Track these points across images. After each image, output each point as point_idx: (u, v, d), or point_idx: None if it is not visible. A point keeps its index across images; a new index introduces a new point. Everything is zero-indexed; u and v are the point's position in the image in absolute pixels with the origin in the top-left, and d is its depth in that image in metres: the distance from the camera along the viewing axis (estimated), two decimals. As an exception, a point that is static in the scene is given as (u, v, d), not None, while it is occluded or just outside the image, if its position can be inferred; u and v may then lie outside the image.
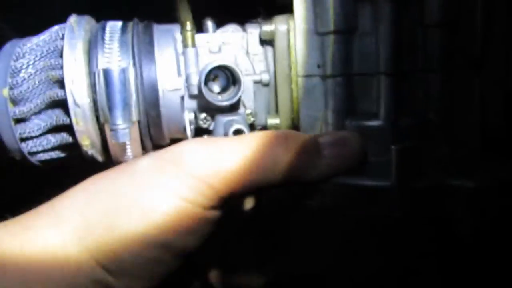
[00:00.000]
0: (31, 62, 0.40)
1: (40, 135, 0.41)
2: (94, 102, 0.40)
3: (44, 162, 0.44)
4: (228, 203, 0.39)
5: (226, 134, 0.43)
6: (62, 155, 0.44)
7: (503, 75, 0.42)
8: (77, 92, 0.39)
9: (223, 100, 0.45)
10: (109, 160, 0.44)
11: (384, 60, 0.42)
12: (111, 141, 0.40)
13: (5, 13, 0.60)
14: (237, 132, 0.43)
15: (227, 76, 0.47)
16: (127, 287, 0.36)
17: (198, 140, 0.39)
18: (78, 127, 0.40)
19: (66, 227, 0.36)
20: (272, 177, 0.38)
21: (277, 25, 0.46)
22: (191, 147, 0.38)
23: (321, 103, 0.45)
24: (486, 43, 0.41)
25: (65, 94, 0.39)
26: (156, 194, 0.36)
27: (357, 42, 0.43)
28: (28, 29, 0.44)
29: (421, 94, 0.43)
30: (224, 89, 0.47)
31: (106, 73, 0.38)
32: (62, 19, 0.44)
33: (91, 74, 0.40)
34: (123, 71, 0.39)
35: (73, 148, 0.42)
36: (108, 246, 0.35)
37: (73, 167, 0.46)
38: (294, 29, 0.44)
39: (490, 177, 0.37)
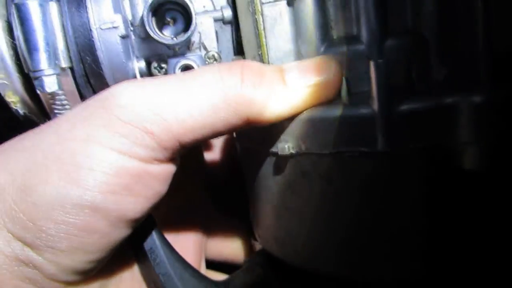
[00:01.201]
0: None
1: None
2: (14, 48, 0.34)
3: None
4: (178, 155, 0.33)
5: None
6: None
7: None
8: (-11, 35, 0.33)
9: (174, 40, 0.38)
10: (47, 120, 0.38)
11: (360, -32, 0.34)
12: (39, 93, 0.34)
13: None
14: (186, 69, 0.36)
15: (183, 18, 0.41)
16: (55, 263, 0.30)
17: (134, 80, 0.32)
18: (-1, 79, 0.34)
19: None
20: (226, 117, 0.31)
21: None
22: (125, 87, 0.31)
23: (291, 33, 0.37)
24: None
25: (-22, 42, 0.33)
26: (80, 146, 0.30)
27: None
28: None
29: (410, 5, 0.35)
30: (181, 34, 0.41)
31: (20, 8, 0.32)
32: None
33: (9, 15, 0.34)
34: (42, 5, 0.32)
35: (1, 108, 0.36)
36: (24, 213, 0.29)
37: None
38: None
39: (502, 91, 0.29)
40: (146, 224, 0.37)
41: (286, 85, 0.32)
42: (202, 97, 0.31)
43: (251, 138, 0.36)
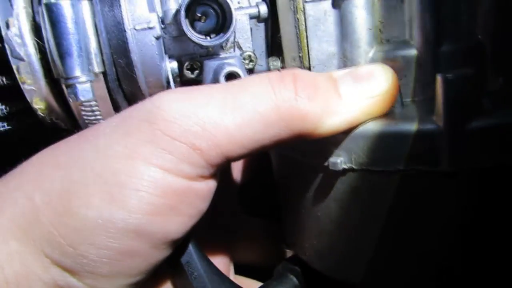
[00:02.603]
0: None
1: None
2: (43, 52, 0.31)
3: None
4: (222, 170, 0.31)
5: (216, 81, 0.34)
6: (17, 125, 0.35)
7: None
8: (16, 39, 0.30)
9: (211, 40, 0.35)
10: (75, 127, 0.35)
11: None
12: (70, 101, 0.31)
13: None
14: (230, 76, 0.33)
15: (216, 13, 0.38)
16: None
17: (179, 89, 0.30)
18: (26, 85, 0.31)
19: (8, 216, 0.27)
20: (278, 132, 0.29)
21: None
22: (170, 98, 0.29)
23: (335, 34, 0.35)
24: None
25: (3, 45, 0.30)
26: (122, 164, 0.27)
27: None
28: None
29: (465, 9, 0.33)
30: (213, 32, 0.38)
31: (51, 8, 0.29)
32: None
33: (35, 15, 0.31)
34: (74, 4, 0.29)
35: (28, 115, 0.34)
36: (64, 237, 0.27)
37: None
38: None
39: None
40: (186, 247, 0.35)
41: (341, 98, 0.29)
42: (253, 111, 0.28)
43: (296, 148, 0.34)
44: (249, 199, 0.49)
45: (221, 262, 0.44)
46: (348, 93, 0.30)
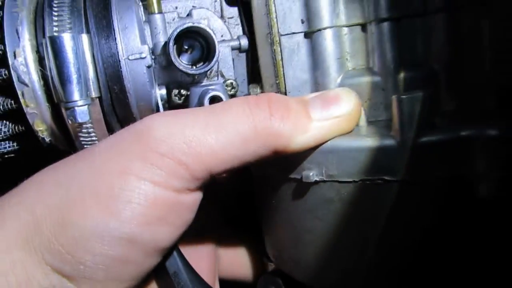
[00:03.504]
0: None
1: (-14, 123, 0.36)
2: (45, 79, 0.34)
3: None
4: (206, 184, 0.34)
5: (201, 104, 0.38)
6: (18, 146, 0.38)
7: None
8: (22, 67, 0.33)
9: (197, 69, 0.39)
10: (72, 148, 0.38)
11: (376, 6, 0.37)
12: (69, 123, 0.35)
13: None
14: (214, 99, 0.37)
15: (201, 46, 0.42)
16: None
17: (167, 112, 0.33)
18: (29, 109, 0.35)
19: (11, 228, 0.30)
20: (256, 149, 0.32)
21: (252, -21, 0.40)
22: (159, 120, 0.32)
23: (307, 63, 0.40)
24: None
25: (9, 73, 0.34)
26: (116, 178, 0.31)
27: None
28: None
29: (421, 41, 0.37)
30: (198, 62, 0.42)
31: (54, 40, 0.33)
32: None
33: (39, 46, 0.34)
34: (74, 37, 0.33)
35: (28, 136, 0.37)
36: (62, 246, 0.30)
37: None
38: (272, -18, 0.39)
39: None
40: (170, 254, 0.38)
41: (311, 118, 0.33)
42: (233, 130, 0.32)
43: (271, 164, 0.38)
44: (233, 217, 0.52)
45: (208, 276, 0.46)
46: (317, 113, 0.34)
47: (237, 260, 0.50)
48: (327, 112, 0.34)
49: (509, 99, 0.35)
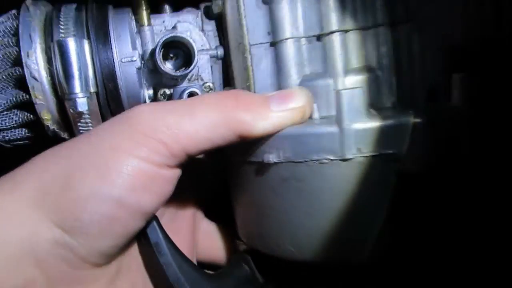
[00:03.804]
0: (-12, 42, 0.42)
1: (1, 112, 0.43)
2: (52, 75, 0.42)
3: (10, 141, 0.45)
4: (185, 163, 0.41)
5: (181, 99, 0.45)
6: (27, 133, 0.45)
7: (443, 31, 0.44)
8: (33, 65, 0.41)
9: (179, 72, 0.47)
10: (71, 135, 0.45)
11: (328, 20, 0.44)
12: (70, 112, 0.42)
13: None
14: (191, 95, 0.45)
15: (184, 54, 0.50)
16: (86, 246, 0.37)
17: (151, 103, 0.41)
18: (38, 100, 0.42)
19: (22, 192, 0.37)
20: (224, 133, 0.40)
21: (227, -1, 0.48)
22: (144, 108, 0.40)
23: (273, 68, 0.47)
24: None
25: (23, 70, 0.41)
26: (110, 153, 0.38)
27: (302, 5, 0.45)
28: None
29: (366, 50, 0.45)
30: (181, 67, 0.50)
31: (61, 43, 0.40)
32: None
33: (47, 49, 0.42)
34: (77, 41, 0.41)
35: (36, 125, 0.44)
36: (64, 206, 0.36)
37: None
38: (243, 0, 0.47)
39: (436, 114, 0.39)
40: (151, 223, 0.44)
41: (270, 109, 0.41)
42: (205, 117, 0.39)
43: (239, 150, 0.45)
44: (210, 204, 0.58)
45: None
46: (275, 106, 0.41)
47: (213, 244, 0.56)
48: (283, 105, 0.41)
49: (434, 96, 0.43)
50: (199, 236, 0.56)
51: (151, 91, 0.48)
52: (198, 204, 0.57)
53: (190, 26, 0.50)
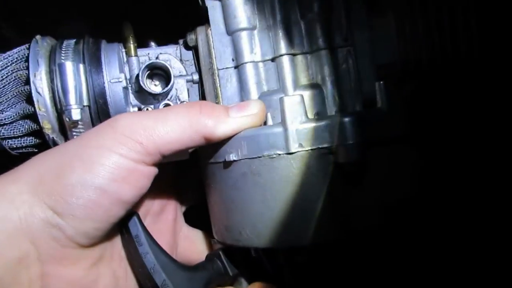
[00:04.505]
0: (4, 66, 0.52)
1: (11, 122, 0.52)
2: (53, 92, 0.51)
3: (17, 149, 0.54)
4: (158, 162, 0.49)
5: (158, 110, 0.54)
6: (31, 142, 0.54)
7: (371, 51, 0.54)
8: (39, 83, 0.51)
9: (159, 92, 0.56)
10: (68, 144, 0.54)
11: (277, 46, 0.54)
12: (66, 121, 0.51)
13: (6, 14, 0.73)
14: (166, 106, 0.54)
15: (164, 78, 0.59)
16: (74, 227, 0.45)
17: (131, 112, 0.50)
18: (40, 112, 0.51)
19: (23, 180, 0.45)
20: (191, 135, 0.48)
21: (198, 34, 0.58)
22: (125, 115, 0.49)
23: (237, 87, 0.56)
24: (349, 28, 0.53)
25: (30, 88, 0.51)
26: (95, 150, 0.46)
27: (258, 36, 0.55)
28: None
29: (311, 70, 0.54)
30: (162, 88, 0.59)
31: (61, 66, 0.50)
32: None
33: (51, 72, 0.52)
34: (74, 64, 0.51)
35: (39, 134, 0.53)
36: (56, 191, 0.45)
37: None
38: (211, 34, 0.57)
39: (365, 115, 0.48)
40: (132, 218, 0.52)
41: (228, 115, 0.50)
42: (175, 122, 0.48)
43: (207, 154, 0.53)
44: (189, 207, 0.66)
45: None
46: (233, 113, 0.50)
47: (192, 248, 0.63)
48: (240, 112, 0.50)
49: (369, 104, 0.51)
50: (180, 240, 0.63)
51: (135, 109, 0.58)
52: (180, 210, 0.64)
53: (170, 56, 0.60)
